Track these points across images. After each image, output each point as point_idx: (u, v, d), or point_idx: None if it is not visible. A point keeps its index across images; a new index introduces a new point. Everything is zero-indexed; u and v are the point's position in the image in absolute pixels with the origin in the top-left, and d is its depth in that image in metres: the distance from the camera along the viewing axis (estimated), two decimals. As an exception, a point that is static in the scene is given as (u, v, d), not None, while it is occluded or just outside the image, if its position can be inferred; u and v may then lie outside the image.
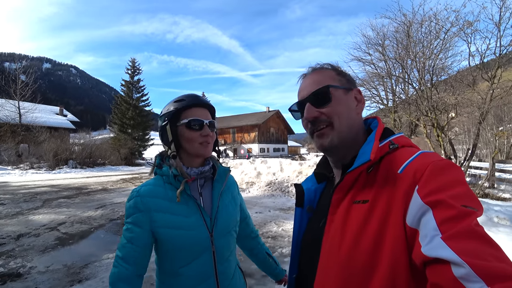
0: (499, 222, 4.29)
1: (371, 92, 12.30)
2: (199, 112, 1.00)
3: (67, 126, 30.54)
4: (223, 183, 1.06)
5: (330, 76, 0.73)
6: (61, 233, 4.95)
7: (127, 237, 0.94)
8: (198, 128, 0.98)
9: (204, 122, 0.99)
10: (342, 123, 0.69)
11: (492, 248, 0.44)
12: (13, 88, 23.62)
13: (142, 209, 0.93)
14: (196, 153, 1.00)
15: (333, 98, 0.70)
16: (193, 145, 0.98)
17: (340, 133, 0.69)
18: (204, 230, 0.96)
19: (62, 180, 13.85)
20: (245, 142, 46.99)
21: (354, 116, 0.72)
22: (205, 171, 1.03)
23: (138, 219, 0.93)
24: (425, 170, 0.54)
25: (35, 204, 7.49)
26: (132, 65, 34.09)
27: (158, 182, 0.99)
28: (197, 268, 0.95)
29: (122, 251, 0.94)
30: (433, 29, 7.85)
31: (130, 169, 24.17)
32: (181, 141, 0.99)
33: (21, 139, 22.30)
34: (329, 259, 0.63)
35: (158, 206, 0.93)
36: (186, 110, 0.99)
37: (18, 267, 3.47)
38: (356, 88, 0.75)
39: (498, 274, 0.40)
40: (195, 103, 1.00)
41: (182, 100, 0.99)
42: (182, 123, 0.98)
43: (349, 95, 0.73)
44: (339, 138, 0.69)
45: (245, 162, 12.22)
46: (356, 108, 0.73)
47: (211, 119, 1.03)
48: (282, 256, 3.82)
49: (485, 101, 7.34)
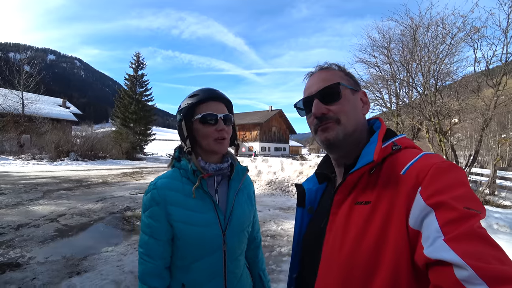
0: (499, 229, 4.28)
1: (374, 94, 12.24)
2: (214, 106, 0.97)
3: (69, 118, 30.60)
4: (240, 182, 1.04)
5: (339, 75, 0.74)
6: (61, 224, 4.97)
7: (147, 232, 0.93)
8: (213, 122, 0.95)
9: (218, 116, 0.96)
10: (349, 120, 0.70)
11: (495, 250, 0.44)
12: (17, 79, 23.68)
13: (159, 201, 0.92)
14: (211, 149, 0.98)
15: (342, 96, 0.71)
16: (209, 140, 0.96)
17: (345, 129, 0.69)
18: (217, 228, 0.94)
19: (63, 172, 13.91)
20: (247, 140, 47.01)
21: (360, 116, 0.73)
22: (223, 168, 1.01)
23: (155, 212, 0.92)
24: (428, 171, 0.54)
25: (35, 195, 7.53)
26: (137, 60, 34.09)
27: (175, 175, 0.98)
28: (207, 265, 0.94)
29: (145, 247, 0.93)
30: (439, 34, 7.81)
31: (131, 163, 24.24)
32: (197, 136, 0.97)
33: (23, 130, 22.38)
34: (330, 259, 0.63)
35: (174, 199, 0.92)
36: (200, 105, 0.96)
37: (17, 257, 3.49)
38: (362, 90, 0.76)
39: (500, 276, 0.40)
40: (209, 96, 0.97)
41: (197, 95, 0.97)
42: (196, 118, 0.96)
43: (356, 96, 0.74)
44: (344, 134, 0.69)
45: (246, 160, 12.21)
46: (362, 109, 0.74)
47: (227, 113, 0.99)
48: (281, 255, 3.83)
49: (489, 108, 7.31)
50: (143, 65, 34.41)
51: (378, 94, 12.47)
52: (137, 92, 33.46)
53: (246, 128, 47.19)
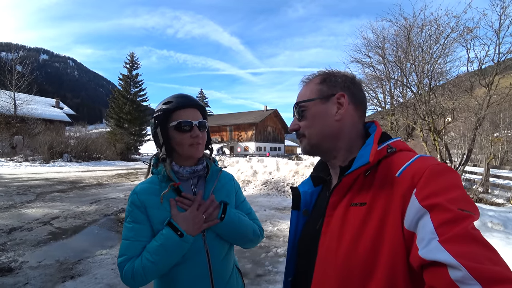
0: (493, 227, 4.33)
1: (369, 94, 12.32)
2: (188, 113, 0.99)
3: (63, 119, 30.29)
4: (214, 182, 1.06)
5: (310, 89, 0.77)
6: (54, 227, 4.90)
7: (130, 236, 0.93)
8: (188, 129, 0.97)
9: (194, 123, 0.98)
10: (311, 134, 0.75)
11: (489, 251, 0.45)
12: (9, 79, 23.39)
13: (139, 205, 0.95)
14: (187, 155, 1.00)
15: (307, 112, 0.75)
16: (183, 147, 0.98)
17: (310, 141, 0.75)
18: None
19: (57, 174, 13.75)
20: (242, 140, 46.98)
21: (331, 123, 0.72)
22: (198, 170, 1.04)
23: (137, 215, 0.94)
24: (423, 173, 0.55)
25: (28, 197, 7.42)
26: (131, 59, 33.89)
27: (154, 180, 1.01)
28: (191, 267, 0.94)
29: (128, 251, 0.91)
30: (433, 34, 7.87)
31: (126, 164, 24.05)
32: (172, 143, 1.00)
33: (15, 131, 22.09)
34: (326, 261, 0.63)
35: (152, 203, 0.95)
36: (175, 112, 0.98)
37: (10, 262, 3.43)
38: (340, 92, 0.72)
39: (494, 277, 0.41)
40: (183, 104, 0.99)
41: (170, 102, 0.99)
42: (172, 125, 0.97)
43: (328, 103, 0.73)
44: (310, 146, 0.76)
45: (241, 160, 12.19)
46: (335, 115, 0.72)
47: (201, 119, 1.02)
48: (277, 256, 3.82)
49: (482, 107, 7.39)
50: (138, 65, 34.24)
51: (372, 94, 12.57)
52: (131, 92, 33.28)
53: (241, 128, 47.16)
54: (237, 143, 47.01)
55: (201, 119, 1.02)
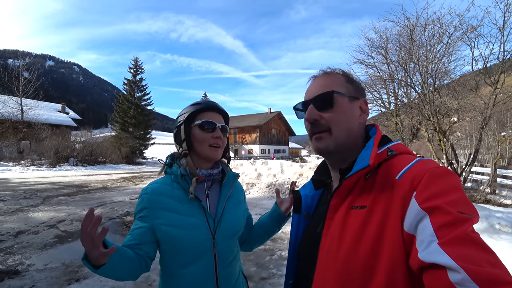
0: (501, 229, 4.25)
1: (373, 95, 12.23)
2: (214, 116, 1.05)
3: (68, 124, 30.61)
4: (231, 188, 1.09)
5: (338, 82, 0.74)
6: (60, 231, 4.95)
7: (131, 230, 0.96)
8: (211, 130, 1.02)
9: (217, 125, 1.03)
10: (340, 131, 0.70)
11: (487, 254, 0.45)
12: (16, 85, 23.76)
13: (147, 205, 0.96)
14: (205, 155, 1.03)
15: (336, 105, 0.71)
16: (204, 146, 1.01)
17: (336, 140, 0.70)
18: (206, 232, 0.96)
19: (63, 178, 13.89)
20: (246, 143, 47.02)
21: (355, 125, 0.73)
22: (214, 173, 1.06)
23: (142, 214, 0.96)
24: (423, 176, 0.55)
25: (35, 201, 7.51)
26: (135, 64, 34.19)
27: (166, 180, 1.02)
28: (197, 270, 0.94)
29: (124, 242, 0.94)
30: (436, 33, 7.82)
31: (131, 167, 24.22)
32: (193, 141, 1.03)
33: (22, 136, 22.40)
34: (326, 264, 0.63)
35: (162, 203, 0.96)
36: (201, 113, 1.04)
37: (17, 264, 3.47)
38: (363, 99, 0.75)
39: (492, 279, 0.41)
40: (210, 106, 1.06)
41: (199, 104, 1.05)
42: (196, 124, 1.02)
43: (354, 104, 0.73)
44: (335, 145, 0.70)
45: (245, 163, 12.19)
46: (359, 118, 0.74)
47: (224, 124, 1.08)
48: (281, 258, 3.80)
49: (487, 106, 7.31)
50: (142, 70, 34.52)
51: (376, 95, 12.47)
52: (136, 97, 33.54)
53: (246, 131, 47.20)
54: (241, 145, 47.04)
55: (224, 124, 1.08)
